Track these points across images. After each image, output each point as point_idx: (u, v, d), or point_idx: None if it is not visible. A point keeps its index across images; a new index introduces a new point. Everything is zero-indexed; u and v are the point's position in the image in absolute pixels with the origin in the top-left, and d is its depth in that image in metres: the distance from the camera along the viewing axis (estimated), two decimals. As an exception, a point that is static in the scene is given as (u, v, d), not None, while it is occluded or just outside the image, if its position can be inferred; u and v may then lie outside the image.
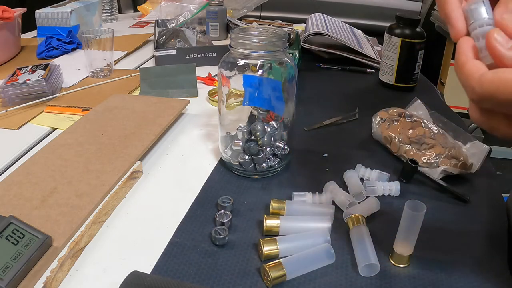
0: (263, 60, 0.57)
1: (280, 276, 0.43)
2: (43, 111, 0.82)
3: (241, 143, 0.61)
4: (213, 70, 0.99)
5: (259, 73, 0.57)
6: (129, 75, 0.99)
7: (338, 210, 0.54)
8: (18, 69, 0.90)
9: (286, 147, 0.61)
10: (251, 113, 0.63)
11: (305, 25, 1.26)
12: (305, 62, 1.08)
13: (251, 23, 1.43)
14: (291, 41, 1.00)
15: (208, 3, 1.29)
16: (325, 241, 0.47)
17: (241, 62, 0.57)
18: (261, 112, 0.61)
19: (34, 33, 1.36)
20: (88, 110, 0.80)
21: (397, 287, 0.44)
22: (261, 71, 0.57)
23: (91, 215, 0.50)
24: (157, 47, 1.14)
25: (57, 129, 0.76)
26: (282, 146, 0.61)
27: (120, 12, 1.78)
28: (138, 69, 1.01)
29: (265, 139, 0.60)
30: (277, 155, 0.62)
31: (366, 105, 0.84)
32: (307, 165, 0.66)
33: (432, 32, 2.11)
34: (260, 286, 0.44)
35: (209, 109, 0.85)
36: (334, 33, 1.10)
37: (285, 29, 1.27)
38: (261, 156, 0.60)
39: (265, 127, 0.60)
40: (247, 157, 0.60)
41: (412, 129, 0.66)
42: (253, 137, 0.60)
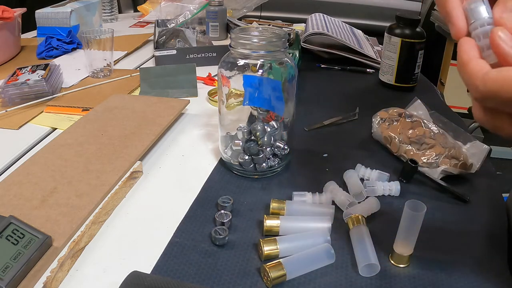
0: (263, 60, 0.57)
1: (280, 276, 0.43)
2: (43, 111, 0.82)
3: (241, 143, 0.61)
4: (213, 70, 0.99)
5: (259, 73, 0.57)
6: (129, 75, 0.99)
7: (338, 210, 0.54)
8: (18, 69, 0.90)
9: (286, 147, 0.61)
10: (251, 113, 0.63)
11: (305, 25, 1.26)
12: (305, 62, 1.08)
13: (251, 23, 1.43)
14: (291, 41, 1.00)
15: (208, 3, 1.29)
16: (325, 241, 0.47)
17: (241, 62, 0.57)
18: (261, 112, 0.61)
19: (34, 33, 1.36)
20: (88, 110, 0.80)
21: (397, 287, 0.44)
22: (261, 71, 0.57)
23: (91, 215, 0.50)
24: (157, 47, 1.14)
25: (57, 129, 0.76)
26: (282, 146, 0.61)
27: (120, 12, 1.78)
28: (138, 69, 1.01)
29: (265, 139, 0.60)
30: (277, 155, 0.62)
31: (366, 105, 0.84)
32: (307, 165, 0.66)
33: (432, 32, 2.11)
34: (260, 286, 0.44)
35: (209, 109, 0.85)
36: (334, 33, 1.10)
37: (285, 29, 1.27)
38: (261, 156, 0.60)
39: (265, 127, 0.60)
40: (247, 157, 0.60)
41: (412, 129, 0.66)
42: (253, 137, 0.60)
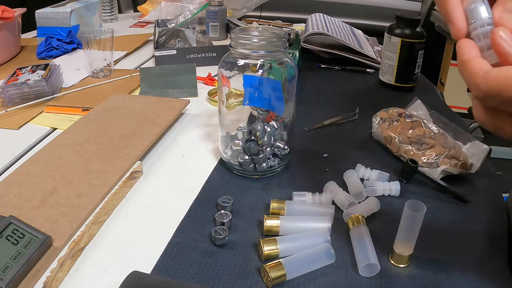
0: (263, 60, 0.57)
1: (280, 276, 0.43)
2: (43, 111, 0.82)
3: (241, 143, 0.61)
4: (213, 70, 0.99)
5: (259, 73, 0.57)
6: (129, 75, 0.99)
7: (338, 210, 0.54)
8: (18, 69, 0.90)
9: (286, 147, 0.61)
10: (251, 113, 0.63)
11: (305, 25, 1.26)
12: (305, 62, 1.07)
13: (251, 23, 1.43)
14: (291, 41, 1.00)
15: (208, 3, 1.29)
16: (325, 241, 0.47)
17: (241, 62, 0.57)
18: (261, 112, 0.61)
19: (34, 33, 1.36)
20: (88, 110, 0.80)
21: (397, 287, 0.44)
22: (261, 71, 0.57)
23: (91, 215, 0.50)
24: (157, 47, 1.14)
25: (57, 129, 0.76)
26: (282, 146, 0.61)
27: (120, 12, 1.78)
28: (138, 69, 1.01)
29: (265, 139, 0.60)
30: (277, 155, 0.62)
31: (366, 105, 0.84)
32: (307, 165, 0.66)
33: (432, 32, 2.11)
34: (260, 286, 0.44)
35: (209, 109, 0.85)
36: (334, 33, 1.10)
37: (285, 29, 1.27)
38: (261, 156, 0.60)
39: (265, 127, 0.60)
40: (247, 157, 0.60)
41: (412, 129, 0.66)
42: (253, 137, 0.60)
